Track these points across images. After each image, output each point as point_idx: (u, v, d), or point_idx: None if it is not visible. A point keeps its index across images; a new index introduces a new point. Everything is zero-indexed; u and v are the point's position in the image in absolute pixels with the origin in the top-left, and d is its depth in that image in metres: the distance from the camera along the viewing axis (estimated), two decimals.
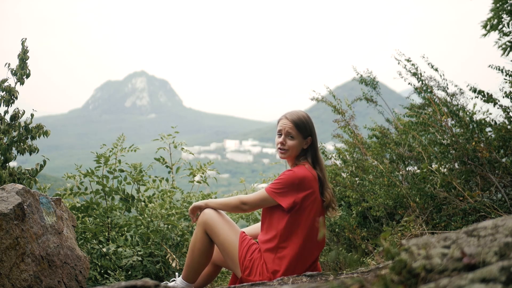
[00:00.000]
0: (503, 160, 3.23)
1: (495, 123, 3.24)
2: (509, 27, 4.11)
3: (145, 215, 3.78)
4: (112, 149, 3.78)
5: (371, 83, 4.31)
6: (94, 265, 3.39)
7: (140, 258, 3.46)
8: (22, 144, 3.52)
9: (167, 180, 4.13)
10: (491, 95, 3.25)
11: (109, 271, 3.39)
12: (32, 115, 3.60)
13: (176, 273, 2.79)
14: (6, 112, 3.54)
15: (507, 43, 4.20)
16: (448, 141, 3.28)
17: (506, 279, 0.87)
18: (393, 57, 3.81)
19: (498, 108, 3.25)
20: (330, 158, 4.46)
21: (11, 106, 3.56)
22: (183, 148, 4.22)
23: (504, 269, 0.90)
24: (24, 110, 3.56)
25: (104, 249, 3.46)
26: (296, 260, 2.41)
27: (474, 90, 3.29)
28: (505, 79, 3.25)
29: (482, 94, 3.27)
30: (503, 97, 3.23)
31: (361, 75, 4.37)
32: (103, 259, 3.40)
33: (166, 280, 3.39)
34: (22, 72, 3.58)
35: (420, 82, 3.70)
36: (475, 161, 3.18)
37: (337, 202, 2.65)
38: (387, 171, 3.57)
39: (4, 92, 3.53)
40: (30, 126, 3.57)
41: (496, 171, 3.16)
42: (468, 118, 3.25)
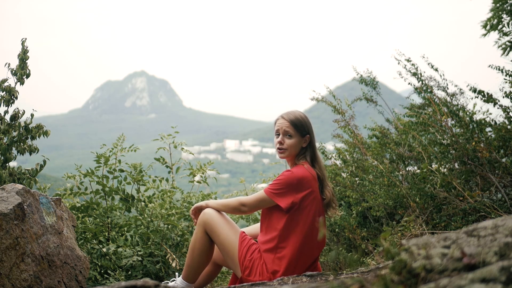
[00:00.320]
0: (503, 160, 3.23)
1: (495, 123, 3.24)
2: (509, 27, 4.11)
3: (145, 215, 3.78)
4: (112, 149, 3.78)
5: (371, 83, 4.31)
6: (94, 265, 3.39)
7: (140, 258, 3.46)
8: (22, 144, 3.52)
9: (167, 180, 4.13)
10: (491, 95, 3.25)
11: (109, 271, 3.39)
12: (32, 115, 3.60)
13: (176, 273, 2.79)
14: (6, 112, 3.54)
15: (507, 43, 4.20)
16: (448, 141, 3.28)
17: (506, 279, 0.87)
18: (393, 57, 3.81)
19: (498, 108, 3.25)
20: (330, 158, 4.46)
21: (11, 106, 3.56)
22: (183, 148, 4.22)
23: (504, 269, 0.90)
24: (24, 110, 3.56)
25: (104, 249, 3.46)
26: (295, 260, 2.41)
27: (474, 90, 3.29)
28: (505, 79, 3.25)
29: (482, 94, 3.27)
30: (503, 97, 3.23)
31: (361, 75, 4.37)
32: (103, 259, 3.40)
33: (167, 280, 3.40)
34: (22, 72, 3.58)
35: (420, 82, 3.70)
36: (475, 161, 3.18)
37: (337, 202, 2.64)
38: (387, 171, 3.57)
39: (4, 92, 3.53)
40: (30, 126, 3.57)
41: (496, 171, 3.16)
42: (468, 118, 3.24)
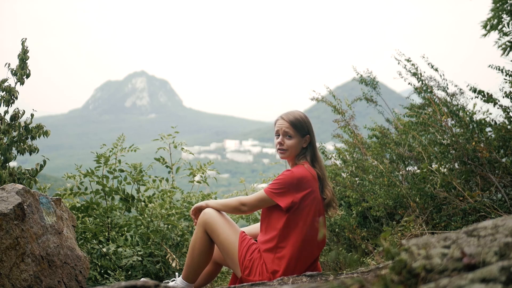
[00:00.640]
0: (503, 160, 3.23)
1: (495, 123, 3.24)
2: (509, 27, 4.11)
3: (145, 215, 3.78)
4: (112, 149, 3.79)
5: (371, 83, 4.31)
6: (94, 265, 3.39)
7: (140, 258, 3.46)
8: (22, 144, 3.52)
9: (167, 180, 4.13)
10: (491, 95, 3.25)
11: (109, 271, 3.39)
12: (32, 115, 3.60)
13: (176, 273, 2.79)
14: (6, 112, 3.54)
15: (507, 43, 4.20)
16: (448, 141, 3.28)
17: (506, 279, 0.87)
18: (393, 57, 3.81)
19: (498, 108, 3.25)
20: (330, 158, 4.46)
21: (11, 106, 3.56)
22: (183, 148, 4.22)
23: (504, 269, 0.90)
24: (24, 110, 3.56)
25: (104, 249, 3.46)
26: (295, 260, 2.41)
27: (474, 90, 3.29)
28: (505, 79, 3.25)
29: (482, 94, 3.27)
30: (503, 97, 3.23)
31: (361, 75, 4.36)
32: (103, 259, 3.40)
33: (167, 279, 3.39)
34: (22, 72, 3.58)
35: (420, 82, 3.70)
36: (475, 161, 3.18)
37: (337, 202, 2.64)
38: (387, 171, 3.57)
39: (4, 92, 3.53)
40: (30, 126, 3.57)
41: (496, 171, 3.16)
42: (468, 118, 3.24)
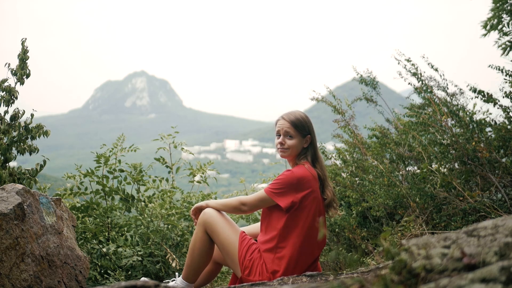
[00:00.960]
0: (503, 160, 3.23)
1: (495, 123, 3.24)
2: (509, 27, 4.11)
3: (145, 215, 3.78)
4: (112, 149, 3.79)
5: (371, 83, 4.30)
6: (94, 265, 3.39)
7: (140, 258, 3.46)
8: (22, 144, 3.52)
9: (167, 180, 4.13)
10: (491, 95, 3.25)
11: (109, 271, 3.39)
12: (32, 115, 3.60)
13: (176, 273, 2.79)
14: (6, 112, 3.54)
15: (507, 43, 4.20)
16: (448, 141, 3.28)
17: (506, 279, 0.87)
18: (393, 57, 3.81)
19: (498, 108, 3.25)
20: (330, 158, 4.46)
21: (11, 106, 3.56)
22: (183, 148, 4.22)
23: (504, 269, 0.90)
24: (24, 110, 3.56)
25: (104, 249, 3.46)
26: (295, 260, 2.41)
27: (474, 90, 3.29)
28: (505, 79, 3.25)
29: (482, 94, 3.27)
30: (503, 97, 3.23)
31: (361, 75, 4.36)
32: (103, 259, 3.40)
33: (167, 279, 3.39)
34: (22, 72, 3.58)
35: (420, 82, 3.69)
36: (475, 161, 3.18)
37: (338, 202, 2.64)
38: (387, 171, 3.57)
39: (4, 92, 3.53)
40: (30, 126, 3.57)
41: (496, 171, 3.16)
42: (468, 118, 3.24)
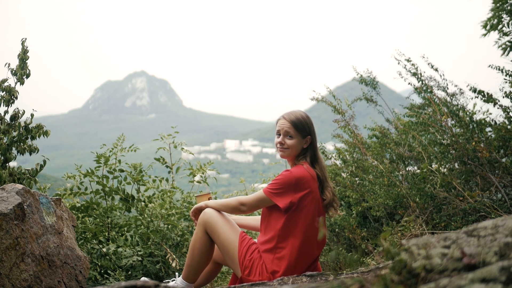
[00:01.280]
0: (503, 160, 3.23)
1: (495, 123, 3.24)
2: (509, 27, 4.11)
3: (145, 215, 3.78)
4: (112, 149, 3.79)
5: (371, 83, 4.30)
6: (94, 265, 3.39)
7: (140, 258, 3.46)
8: (22, 144, 3.52)
9: (167, 180, 4.13)
10: (491, 95, 3.25)
11: (109, 271, 3.39)
12: (32, 115, 3.60)
13: (176, 273, 2.79)
14: (6, 112, 3.54)
15: (507, 43, 4.20)
16: (448, 141, 3.28)
17: (506, 279, 0.87)
18: (393, 57, 3.81)
19: (498, 108, 3.25)
20: (330, 158, 4.46)
21: (11, 106, 3.56)
22: (183, 148, 4.22)
23: (504, 269, 0.90)
24: (24, 110, 3.56)
25: (104, 249, 3.46)
26: (295, 260, 2.41)
27: (474, 90, 3.29)
28: (505, 79, 3.25)
29: (482, 94, 3.27)
30: (503, 97, 3.23)
31: (361, 75, 4.36)
32: (103, 259, 3.40)
33: (167, 279, 3.40)
34: (22, 72, 3.58)
35: (420, 82, 3.69)
36: (475, 161, 3.18)
37: (338, 202, 2.64)
38: (387, 171, 3.57)
39: (4, 92, 3.53)
40: (30, 126, 3.57)
41: (496, 171, 3.16)
42: (468, 118, 3.24)
